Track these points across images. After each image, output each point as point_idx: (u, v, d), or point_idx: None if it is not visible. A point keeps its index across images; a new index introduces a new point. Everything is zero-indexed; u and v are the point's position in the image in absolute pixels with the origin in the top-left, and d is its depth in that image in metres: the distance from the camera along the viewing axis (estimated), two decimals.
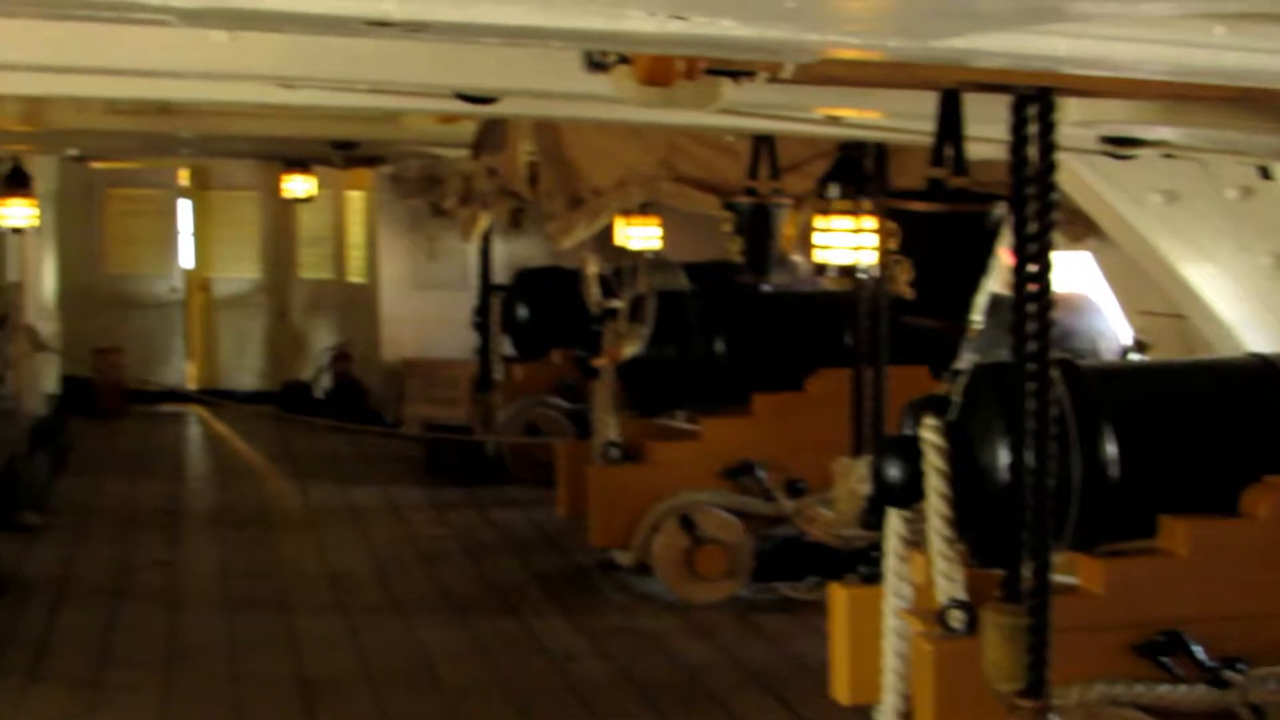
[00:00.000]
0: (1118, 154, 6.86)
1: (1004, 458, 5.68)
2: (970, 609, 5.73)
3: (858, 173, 8.67)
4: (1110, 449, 5.91)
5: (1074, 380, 5.94)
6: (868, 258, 8.56)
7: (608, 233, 12.32)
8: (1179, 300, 7.74)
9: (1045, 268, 5.36)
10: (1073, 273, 10.82)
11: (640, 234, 12.30)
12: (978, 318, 5.80)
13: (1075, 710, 5.67)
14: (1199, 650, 5.77)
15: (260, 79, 6.20)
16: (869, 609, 6.35)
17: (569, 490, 11.31)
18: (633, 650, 9.48)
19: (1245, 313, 7.46)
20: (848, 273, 8.67)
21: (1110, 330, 11.01)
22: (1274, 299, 7.52)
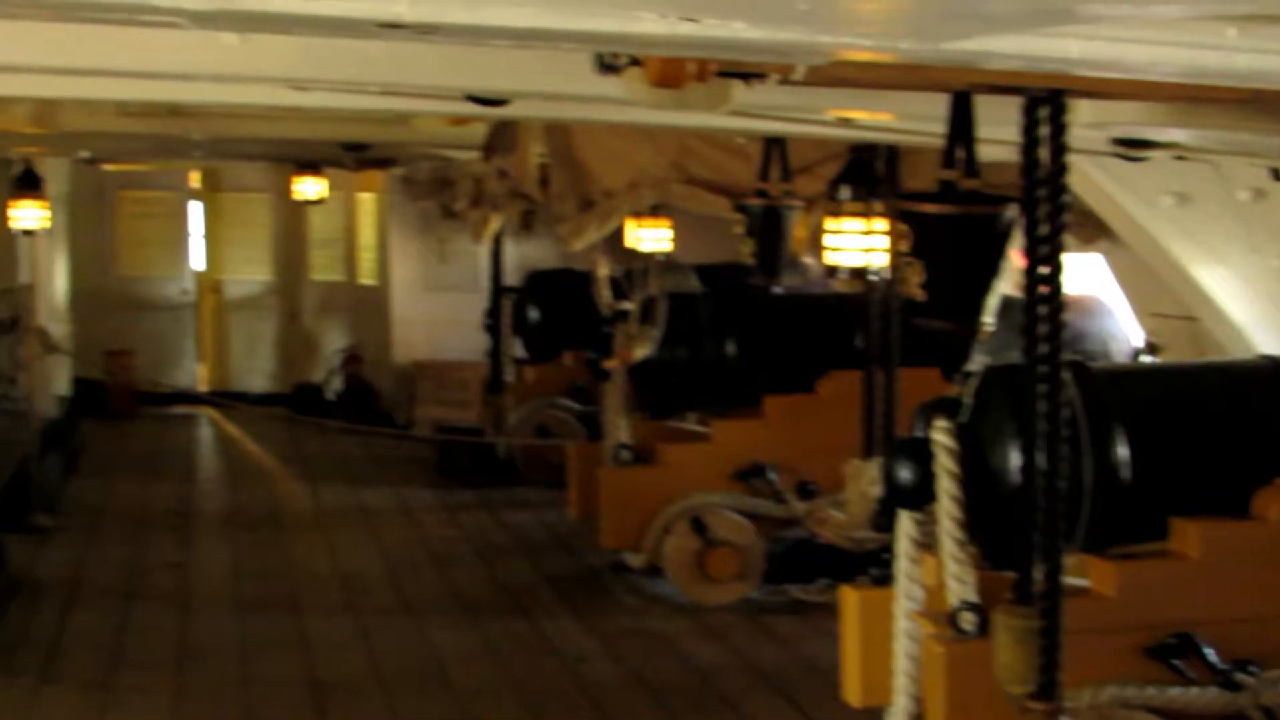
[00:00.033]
0: (1129, 156, 6.84)
1: (1015, 460, 5.66)
2: (982, 611, 5.72)
3: (869, 175, 8.66)
4: (1122, 451, 5.89)
5: (1085, 382, 5.93)
6: (879, 260, 8.54)
7: (619, 235, 12.30)
8: (1190, 302, 7.71)
9: (1057, 269, 5.35)
10: (1084, 275, 10.80)
11: (651, 236, 12.28)
12: (989, 320, 5.79)
13: (1087, 713, 5.66)
14: (1210, 653, 5.76)
15: (271, 81, 6.19)
16: (880, 611, 6.34)
17: (580, 492, 11.30)
18: (644, 652, 9.48)
19: (1257, 315, 7.44)
20: (859, 275, 8.64)
21: (1122, 332, 10.98)
22: None
